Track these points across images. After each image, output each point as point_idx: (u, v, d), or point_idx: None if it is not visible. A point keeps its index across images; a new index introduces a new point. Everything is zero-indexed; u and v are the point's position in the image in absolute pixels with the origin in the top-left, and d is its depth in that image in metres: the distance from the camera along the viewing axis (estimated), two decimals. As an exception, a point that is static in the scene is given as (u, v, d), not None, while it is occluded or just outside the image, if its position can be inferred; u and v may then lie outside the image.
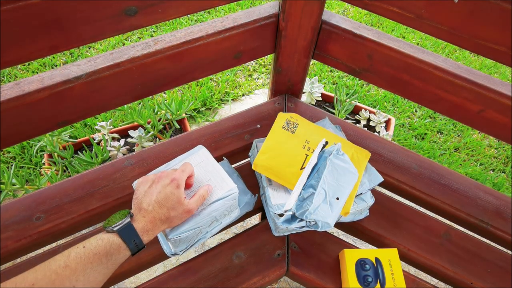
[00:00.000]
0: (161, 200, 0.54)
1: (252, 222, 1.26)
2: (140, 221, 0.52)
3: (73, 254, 0.46)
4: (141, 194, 0.56)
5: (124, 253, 0.50)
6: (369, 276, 0.64)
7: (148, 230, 0.52)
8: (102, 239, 0.49)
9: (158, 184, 0.56)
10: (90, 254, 0.47)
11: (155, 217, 0.53)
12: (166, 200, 0.54)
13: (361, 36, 0.77)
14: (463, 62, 2.00)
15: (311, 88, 1.48)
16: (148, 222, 0.52)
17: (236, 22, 0.76)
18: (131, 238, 0.50)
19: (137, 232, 0.51)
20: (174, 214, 0.55)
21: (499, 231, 0.78)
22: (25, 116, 0.64)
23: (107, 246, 0.48)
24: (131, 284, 1.12)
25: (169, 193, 0.55)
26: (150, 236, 0.53)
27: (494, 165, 1.59)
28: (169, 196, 0.55)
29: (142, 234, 0.52)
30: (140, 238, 0.51)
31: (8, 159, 1.37)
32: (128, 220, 0.51)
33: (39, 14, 0.53)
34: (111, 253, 0.48)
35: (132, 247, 0.50)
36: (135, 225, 0.52)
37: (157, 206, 0.54)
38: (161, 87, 0.77)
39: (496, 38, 0.61)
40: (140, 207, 0.54)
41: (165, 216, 0.54)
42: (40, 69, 1.68)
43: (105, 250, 0.48)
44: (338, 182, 0.63)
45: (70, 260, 0.46)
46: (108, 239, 0.49)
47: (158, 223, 0.54)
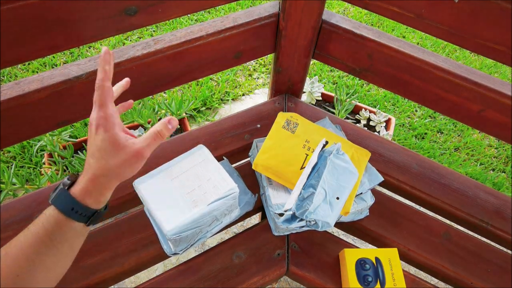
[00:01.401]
0: (95, 151, 0.43)
1: (252, 222, 1.26)
2: (79, 182, 0.43)
3: (15, 239, 0.40)
4: None
5: (70, 226, 0.41)
6: (369, 275, 0.64)
7: (90, 191, 0.42)
8: (43, 215, 0.41)
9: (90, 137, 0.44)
10: (30, 237, 0.40)
11: (94, 174, 0.42)
12: (100, 150, 0.43)
13: (361, 35, 0.77)
14: (463, 61, 2.00)
15: (311, 88, 1.48)
16: (88, 181, 0.42)
17: (236, 22, 0.76)
18: (68, 206, 0.41)
19: (72, 197, 0.41)
20: (115, 162, 0.43)
21: (499, 230, 0.78)
22: (25, 115, 0.64)
23: (44, 222, 0.40)
24: (131, 283, 1.12)
25: (98, 140, 0.43)
26: (97, 198, 0.43)
27: (494, 165, 1.59)
28: (99, 143, 0.43)
29: (83, 197, 0.42)
30: (81, 204, 0.42)
31: (8, 158, 1.37)
32: (60, 186, 0.42)
33: (39, 13, 0.53)
34: (51, 230, 0.40)
35: (76, 216, 0.41)
36: (73, 189, 0.42)
37: (93, 160, 0.43)
38: (161, 86, 0.77)
39: (496, 37, 0.61)
40: (84, 167, 0.44)
41: (105, 167, 0.42)
42: (40, 69, 1.68)
43: (43, 228, 0.40)
44: (338, 182, 0.63)
45: (10, 246, 0.39)
46: (45, 213, 0.41)
47: (101, 179, 0.43)
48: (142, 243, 0.68)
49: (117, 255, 0.67)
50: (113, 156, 0.43)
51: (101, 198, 0.44)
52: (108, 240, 0.68)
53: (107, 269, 0.65)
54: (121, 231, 0.69)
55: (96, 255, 0.66)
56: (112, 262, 0.66)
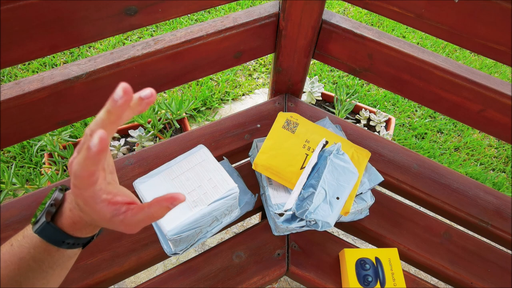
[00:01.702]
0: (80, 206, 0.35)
1: (252, 222, 1.26)
2: (66, 214, 0.36)
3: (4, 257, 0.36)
4: None
5: (61, 253, 0.37)
6: (369, 275, 0.64)
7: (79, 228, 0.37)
8: (27, 237, 0.36)
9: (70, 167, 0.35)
10: (15, 258, 0.36)
11: (82, 219, 0.36)
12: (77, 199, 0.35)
13: (361, 35, 0.77)
14: (464, 61, 2.00)
15: (311, 88, 1.48)
16: (76, 217, 0.36)
17: (236, 22, 0.76)
18: (58, 239, 0.36)
19: (62, 230, 0.36)
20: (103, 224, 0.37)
21: (499, 230, 0.78)
22: (25, 115, 0.64)
23: (30, 249, 0.36)
24: (131, 283, 1.12)
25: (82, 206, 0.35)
26: (88, 232, 0.38)
27: (494, 165, 1.59)
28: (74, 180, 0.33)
29: (74, 231, 0.37)
30: (72, 237, 0.37)
31: (8, 158, 1.37)
32: (43, 219, 0.36)
33: (39, 13, 0.53)
34: (39, 258, 0.36)
35: (68, 247, 0.37)
36: (60, 221, 0.36)
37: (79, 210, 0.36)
38: (161, 86, 0.77)
39: (496, 37, 0.61)
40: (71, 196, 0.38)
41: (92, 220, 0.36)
42: (40, 69, 1.68)
43: (29, 254, 0.36)
44: (338, 182, 0.63)
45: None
46: (31, 239, 0.36)
47: (90, 223, 0.37)
48: (142, 243, 0.68)
49: (117, 255, 0.67)
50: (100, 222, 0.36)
51: (94, 231, 0.39)
52: (108, 240, 0.68)
53: (107, 269, 0.65)
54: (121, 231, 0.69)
55: (96, 255, 0.66)
56: (112, 262, 0.66)
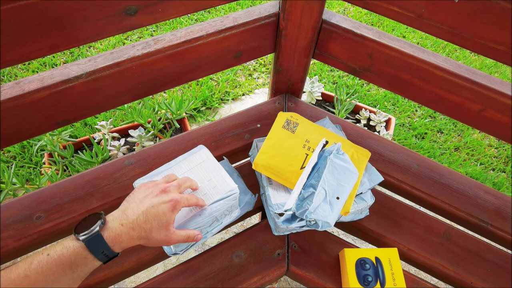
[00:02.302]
0: (150, 215, 0.49)
1: (252, 222, 1.26)
2: (115, 228, 0.47)
3: (35, 263, 0.42)
4: (134, 199, 0.51)
5: (92, 264, 0.46)
6: (369, 275, 0.64)
7: (121, 241, 0.47)
8: (68, 248, 0.44)
9: (155, 198, 0.51)
10: (53, 265, 0.43)
11: (134, 229, 0.48)
12: (155, 217, 0.49)
13: (362, 35, 0.77)
14: (464, 61, 2.00)
15: (311, 88, 1.48)
16: (124, 232, 0.47)
17: (237, 22, 0.76)
18: (99, 249, 0.45)
19: (106, 243, 0.46)
20: (155, 236, 0.50)
21: (499, 230, 0.78)
22: (25, 115, 0.64)
23: (72, 257, 0.44)
24: (131, 283, 1.12)
25: (161, 212, 0.49)
26: (122, 247, 0.48)
27: (494, 165, 1.59)
28: (160, 216, 0.49)
29: (114, 244, 0.46)
30: (110, 249, 0.46)
31: (8, 158, 1.37)
32: (96, 229, 0.45)
33: (39, 13, 0.53)
34: (77, 264, 0.44)
35: (101, 257, 0.46)
36: (107, 233, 0.46)
37: (142, 218, 0.48)
38: (161, 86, 0.77)
39: (496, 37, 0.61)
40: (125, 212, 0.49)
41: (145, 233, 0.48)
42: (40, 69, 1.68)
43: (69, 261, 0.43)
44: (338, 182, 0.63)
45: (31, 269, 0.42)
46: (74, 249, 0.44)
47: (135, 237, 0.48)
48: (142, 243, 0.68)
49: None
50: (158, 231, 0.49)
51: (124, 247, 0.48)
52: (108, 240, 0.68)
53: (107, 269, 0.65)
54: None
55: (96, 255, 0.66)
56: (112, 262, 0.66)
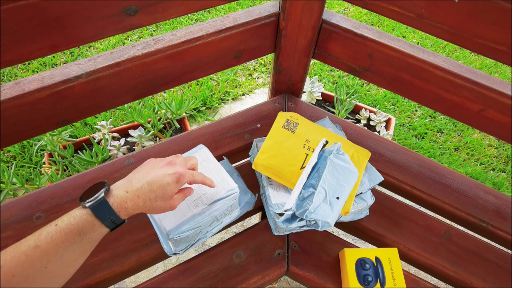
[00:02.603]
0: (155, 184, 0.50)
1: (252, 222, 1.26)
2: (120, 195, 0.48)
3: (44, 233, 0.43)
4: (139, 170, 0.53)
5: (100, 230, 0.47)
6: (369, 275, 0.64)
7: (126, 208, 0.48)
8: (75, 217, 0.45)
9: (160, 169, 0.53)
10: (61, 234, 0.44)
11: (139, 196, 0.49)
12: (160, 187, 0.51)
13: (362, 35, 0.77)
14: (464, 61, 2.00)
15: (311, 88, 1.48)
16: (129, 199, 0.49)
17: (237, 22, 0.76)
18: (105, 214, 0.46)
19: (112, 208, 0.47)
20: (159, 204, 0.52)
21: (499, 230, 0.78)
22: (25, 115, 0.64)
23: (79, 224, 0.45)
24: (131, 283, 1.12)
25: (165, 183, 0.51)
26: (128, 213, 0.49)
27: (494, 165, 1.59)
28: (165, 186, 0.51)
29: (119, 210, 0.48)
30: (116, 215, 0.47)
31: (8, 158, 1.37)
32: (101, 195, 0.47)
33: (39, 13, 0.53)
34: (85, 231, 0.45)
35: (108, 223, 0.47)
36: (112, 200, 0.48)
37: (147, 187, 0.50)
38: (161, 86, 0.77)
39: (496, 37, 0.61)
40: (130, 180, 0.51)
41: (150, 201, 0.50)
42: (40, 68, 1.68)
43: (77, 228, 0.45)
44: (338, 182, 0.63)
45: (40, 240, 0.43)
46: (81, 216, 0.45)
47: (140, 204, 0.50)
48: (142, 243, 0.68)
49: (117, 255, 0.67)
50: (162, 200, 0.51)
51: (130, 214, 0.50)
52: (108, 240, 0.68)
53: (107, 269, 0.65)
54: (121, 231, 0.69)
55: (96, 255, 0.66)
56: (112, 262, 0.66)
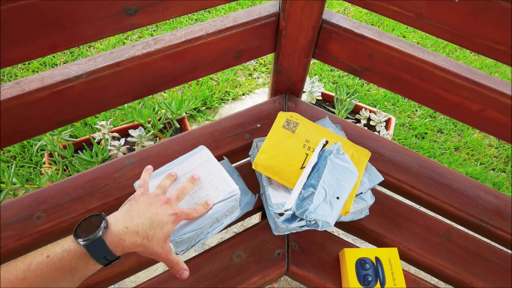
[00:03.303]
0: (155, 221, 0.50)
1: (252, 221, 1.26)
2: (119, 232, 0.46)
3: (34, 264, 0.42)
4: (137, 203, 0.52)
5: (93, 268, 0.45)
6: (369, 275, 0.64)
7: (124, 246, 0.46)
8: (68, 252, 0.43)
9: (160, 207, 0.52)
10: (52, 268, 0.42)
11: (138, 233, 0.48)
12: (159, 225, 0.50)
13: (362, 35, 0.77)
14: (464, 61, 2.00)
15: (311, 88, 1.48)
16: (127, 236, 0.47)
17: (237, 21, 0.76)
18: (101, 254, 0.45)
19: (108, 248, 0.45)
20: (154, 245, 0.50)
21: (499, 230, 0.78)
22: (25, 115, 0.64)
23: (72, 261, 0.43)
24: (131, 283, 1.12)
25: (165, 222, 0.51)
26: (124, 251, 0.47)
27: (494, 165, 1.59)
28: (163, 225, 0.51)
29: (116, 248, 0.46)
30: (112, 254, 0.46)
31: (8, 158, 1.37)
32: (99, 234, 0.44)
33: (39, 13, 0.53)
34: (77, 269, 0.43)
35: (102, 262, 0.45)
36: (110, 238, 0.45)
37: (148, 223, 0.49)
38: (161, 86, 0.77)
39: (497, 37, 0.61)
40: (129, 214, 0.49)
41: (147, 240, 0.49)
42: (40, 68, 1.68)
43: (70, 265, 0.43)
44: (338, 182, 0.63)
45: (29, 271, 0.41)
46: (75, 253, 0.43)
47: (138, 242, 0.48)
48: (142, 242, 0.68)
49: (117, 255, 0.67)
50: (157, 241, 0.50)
51: (125, 251, 0.48)
52: (108, 240, 0.68)
53: (107, 269, 0.65)
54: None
55: (96, 254, 0.66)
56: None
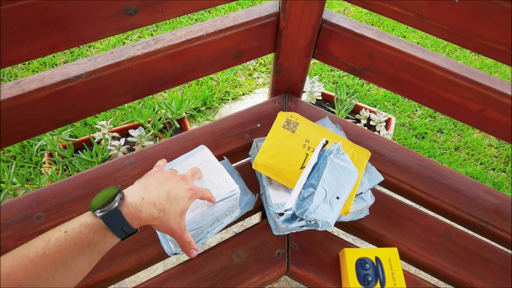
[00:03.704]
0: (171, 195, 0.49)
1: (252, 221, 1.26)
2: (135, 203, 0.45)
3: (53, 240, 0.41)
4: (153, 178, 0.51)
5: (111, 241, 0.44)
6: (369, 275, 0.64)
7: (140, 218, 0.45)
8: (86, 225, 0.42)
9: (176, 182, 0.52)
10: (71, 243, 0.41)
11: (155, 205, 0.47)
12: (176, 199, 0.49)
13: (362, 35, 0.77)
14: (464, 61, 2.00)
15: (311, 87, 1.48)
16: (144, 207, 0.46)
17: (237, 21, 0.76)
18: (118, 225, 0.44)
19: (125, 219, 0.44)
20: (171, 219, 0.49)
21: (499, 230, 0.78)
22: (26, 115, 0.64)
23: (90, 234, 0.42)
24: (131, 283, 1.12)
25: (181, 196, 0.50)
26: (141, 223, 0.46)
27: (494, 165, 1.59)
28: (180, 199, 0.50)
29: (133, 220, 0.45)
30: (130, 225, 0.45)
31: (8, 158, 1.37)
32: (115, 205, 0.44)
33: (39, 13, 0.53)
34: (95, 242, 0.43)
35: (120, 234, 0.44)
36: (126, 209, 0.44)
37: (164, 196, 0.48)
38: (161, 86, 0.77)
39: (496, 37, 0.61)
40: (146, 187, 0.48)
41: (164, 213, 0.48)
42: (41, 68, 1.68)
43: (88, 239, 0.42)
44: (338, 181, 0.63)
45: (49, 247, 0.40)
46: (93, 226, 0.42)
47: (154, 214, 0.47)
48: (142, 243, 0.68)
49: (117, 255, 0.67)
50: (175, 216, 0.49)
51: (142, 224, 0.47)
52: (108, 240, 0.68)
53: (107, 269, 0.65)
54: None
55: (96, 254, 0.66)
56: (112, 262, 0.66)
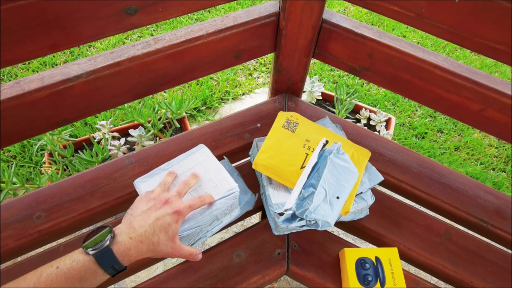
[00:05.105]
0: (157, 227, 0.51)
1: (252, 221, 1.26)
2: (124, 242, 0.49)
3: (44, 275, 0.44)
4: (137, 211, 0.53)
5: (101, 278, 0.47)
6: (369, 275, 0.64)
7: (130, 255, 0.49)
8: (77, 262, 0.45)
9: (159, 210, 0.53)
10: (62, 278, 0.44)
11: (142, 242, 0.49)
12: (162, 229, 0.51)
13: (362, 35, 0.77)
14: (464, 61, 2.00)
15: (311, 87, 1.48)
16: (133, 246, 0.49)
17: (237, 21, 0.76)
18: (109, 263, 0.47)
19: (116, 257, 0.47)
20: (162, 248, 0.52)
21: (499, 230, 0.78)
22: (26, 115, 0.64)
23: (81, 271, 0.45)
24: (131, 283, 1.12)
25: (167, 224, 0.52)
26: (131, 260, 0.49)
27: (494, 164, 1.59)
28: (166, 228, 0.52)
29: (123, 257, 0.48)
30: (120, 263, 0.48)
31: (8, 158, 1.37)
32: (107, 243, 0.47)
33: (39, 13, 0.53)
34: (86, 278, 0.45)
35: (110, 271, 0.47)
36: (116, 247, 0.48)
37: (150, 231, 0.50)
38: (162, 86, 0.77)
39: (497, 37, 0.61)
40: (131, 225, 0.51)
41: (153, 246, 0.50)
42: (40, 68, 1.68)
43: (79, 275, 0.45)
44: (338, 181, 0.63)
45: (40, 282, 0.43)
46: (84, 263, 0.46)
47: (143, 250, 0.50)
48: (142, 242, 0.68)
49: (117, 255, 0.67)
50: (165, 244, 0.52)
51: (133, 260, 0.50)
52: (108, 240, 0.68)
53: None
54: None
55: (96, 254, 0.66)
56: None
